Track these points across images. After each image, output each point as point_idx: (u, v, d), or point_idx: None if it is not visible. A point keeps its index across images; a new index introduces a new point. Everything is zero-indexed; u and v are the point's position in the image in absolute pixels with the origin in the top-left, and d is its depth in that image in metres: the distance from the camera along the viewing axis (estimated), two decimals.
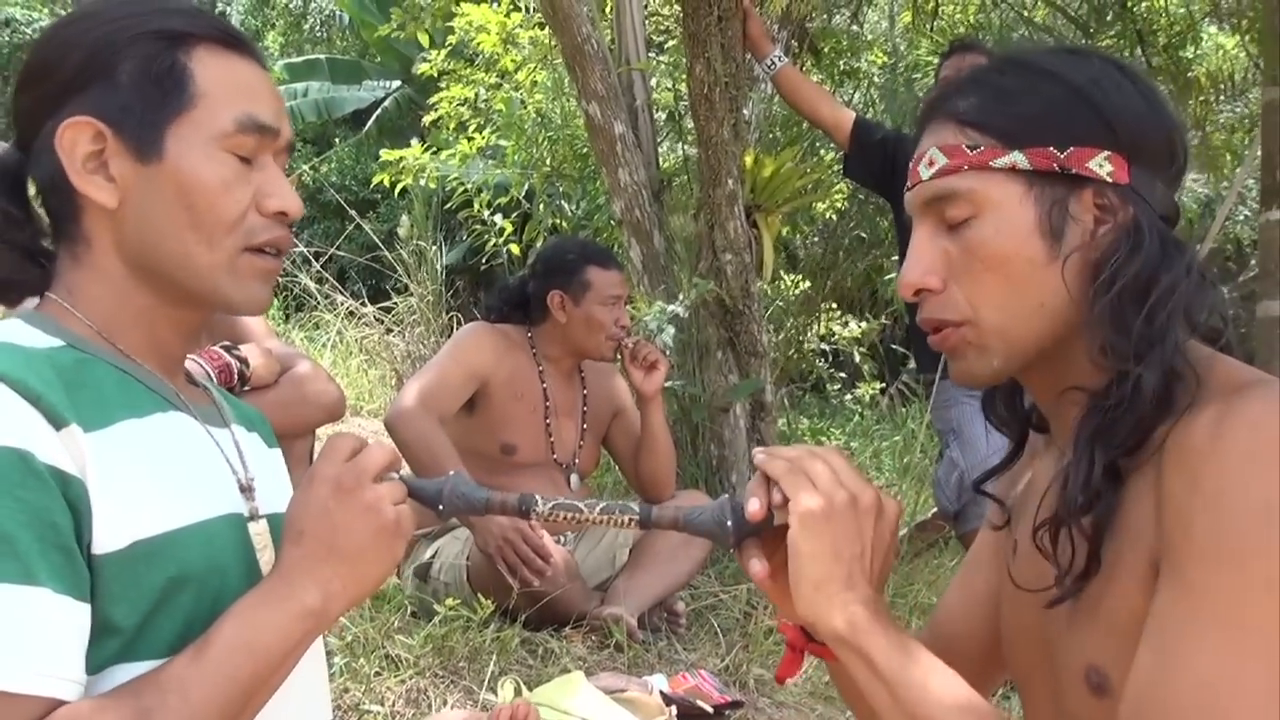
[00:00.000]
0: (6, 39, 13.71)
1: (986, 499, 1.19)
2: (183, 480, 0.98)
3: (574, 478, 3.15)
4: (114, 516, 0.88)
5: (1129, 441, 0.89)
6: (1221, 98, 5.59)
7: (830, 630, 0.93)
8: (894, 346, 6.98)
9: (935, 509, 3.86)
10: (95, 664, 0.87)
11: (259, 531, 1.05)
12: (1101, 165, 0.93)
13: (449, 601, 2.63)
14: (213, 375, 2.02)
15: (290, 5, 14.26)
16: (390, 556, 0.97)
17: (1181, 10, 5.47)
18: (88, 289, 1.00)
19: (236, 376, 2.08)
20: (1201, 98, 5.43)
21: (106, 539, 0.88)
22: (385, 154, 6.06)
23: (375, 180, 6.23)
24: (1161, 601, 0.83)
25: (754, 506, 0.95)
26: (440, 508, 1.01)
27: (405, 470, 1.02)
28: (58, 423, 0.87)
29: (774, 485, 0.96)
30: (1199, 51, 5.45)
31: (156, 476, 0.94)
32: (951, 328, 0.98)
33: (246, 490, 1.06)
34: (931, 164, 0.99)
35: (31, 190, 1.04)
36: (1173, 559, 0.83)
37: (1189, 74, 5.21)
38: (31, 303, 1.04)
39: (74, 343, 0.97)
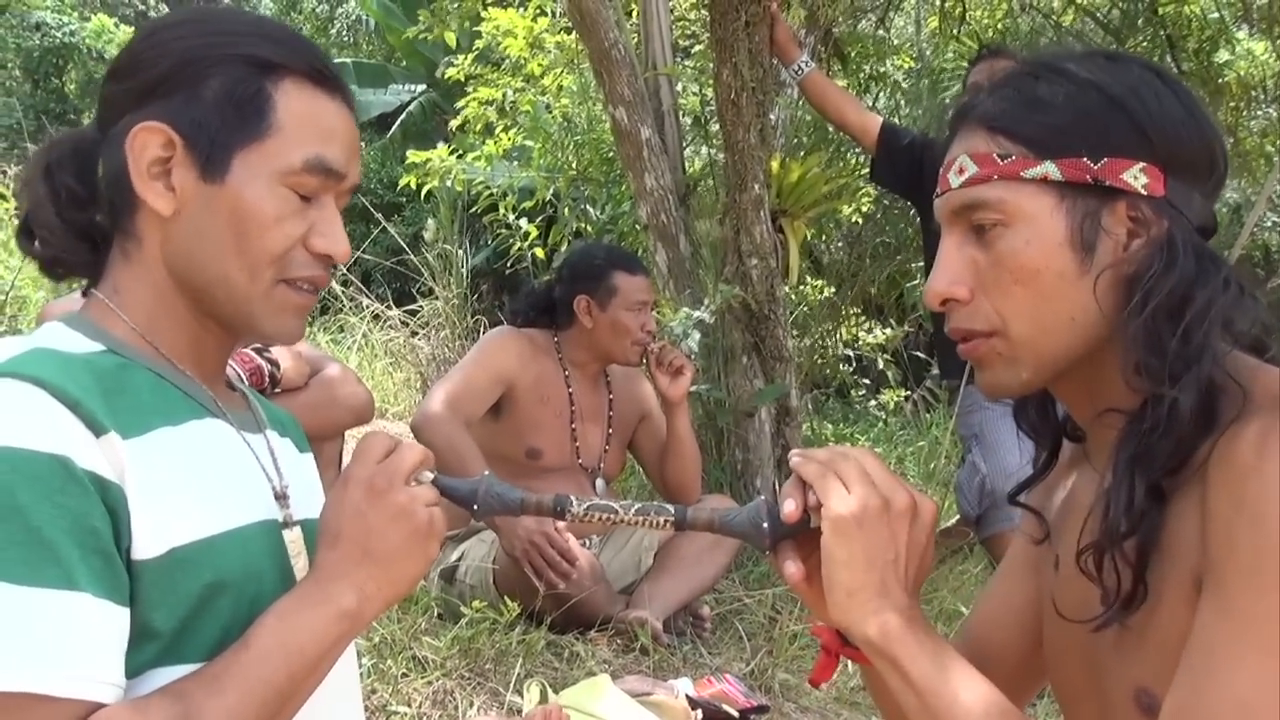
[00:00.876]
0: (37, 42, 13.85)
1: (1008, 503, 1.16)
2: (218, 487, 0.98)
3: (599, 482, 3.16)
4: (152, 523, 0.89)
5: (1169, 463, 0.88)
6: (1253, 103, 5.55)
7: (864, 637, 0.93)
8: (918, 353, 6.95)
9: (959, 515, 3.85)
10: (134, 667, 0.88)
11: (293, 539, 1.05)
12: (1136, 177, 0.91)
13: (475, 604, 2.64)
14: (244, 377, 2.04)
15: (317, 10, 14.36)
16: (424, 558, 0.98)
17: (1213, 15, 5.43)
18: (133, 288, 1.01)
19: (267, 379, 2.10)
20: (1232, 103, 5.39)
21: (145, 545, 0.89)
22: (412, 155, 6.08)
23: (401, 183, 6.26)
24: (1203, 619, 0.82)
25: (789, 508, 0.95)
26: (475, 508, 1.02)
27: (438, 471, 1.03)
28: (96, 429, 0.87)
29: (809, 487, 0.95)
30: (1230, 57, 5.40)
31: (192, 484, 0.95)
32: (980, 338, 0.97)
33: (281, 498, 1.07)
34: (961, 172, 0.97)
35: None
36: (1215, 576, 0.82)
37: (1220, 80, 5.16)
38: (76, 301, 1.05)
39: (114, 347, 0.98)
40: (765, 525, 0.97)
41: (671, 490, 3.18)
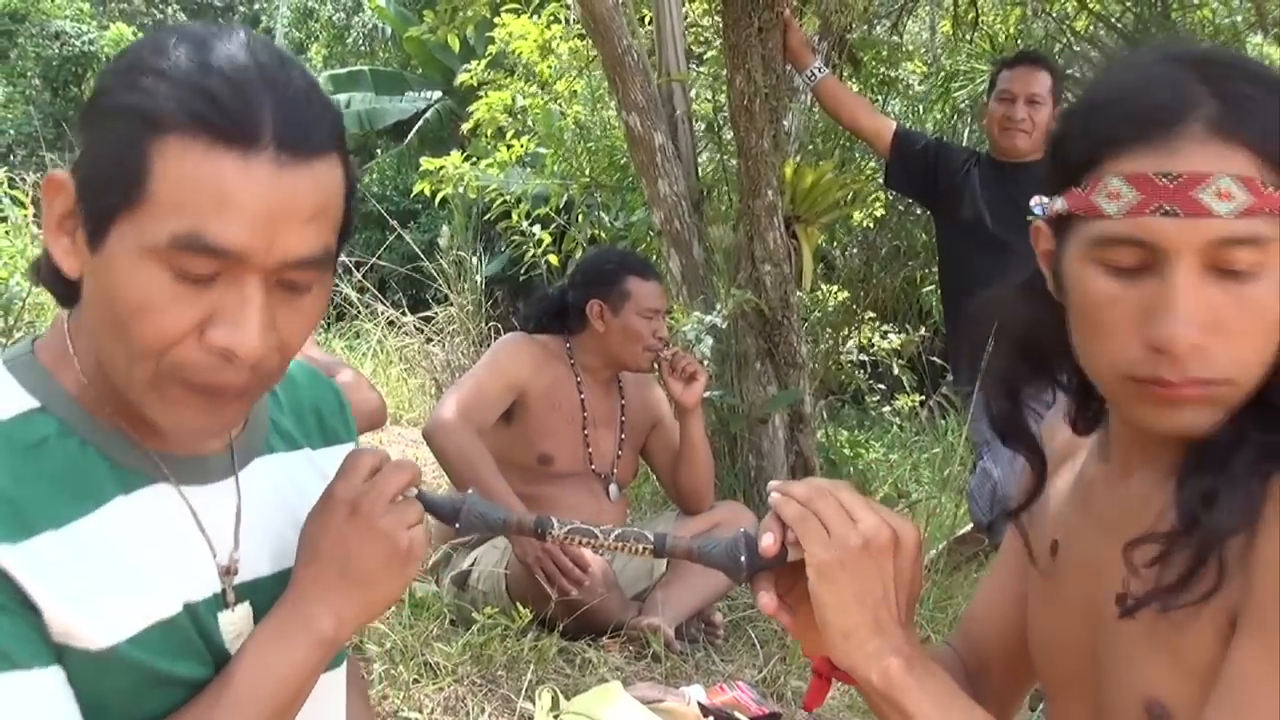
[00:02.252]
0: (56, 51, 13.97)
1: (1008, 520, 1.14)
2: (132, 583, 0.87)
3: (613, 488, 3.16)
4: (58, 629, 0.83)
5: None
6: None
7: (865, 682, 0.91)
8: (933, 358, 6.93)
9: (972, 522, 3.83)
10: None
11: (232, 621, 0.95)
12: None
13: (487, 610, 2.64)
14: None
15: (333, 18, 14.43)
16: (402, 580, 0.96)
17: (1225, 21, 5.41)
18: (85, 328, 0.90)
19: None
20: None
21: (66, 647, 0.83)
22: (425, 162, 6.09)
23: (416, 189, 6.28)
24: (1242, 655, 0.80)
25: (767, 542, 0.94)
26: (457, 526, 1.01)
27: (425, 486, 1.02)
28: (9, 537, 0.81)
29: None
30: None
31: (99, 584, 0.85)
32: (1207, 386, 0.83)
33: (226, 571, 0.95)
34: (1227, 197, 0.79)
35: None
36: (1253, 618, 0.80)
37: None
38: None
39: (48, 404, 0.88)
40: (743, 559, 0.97)
41: (684, 496, 3.17)
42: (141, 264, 0.80)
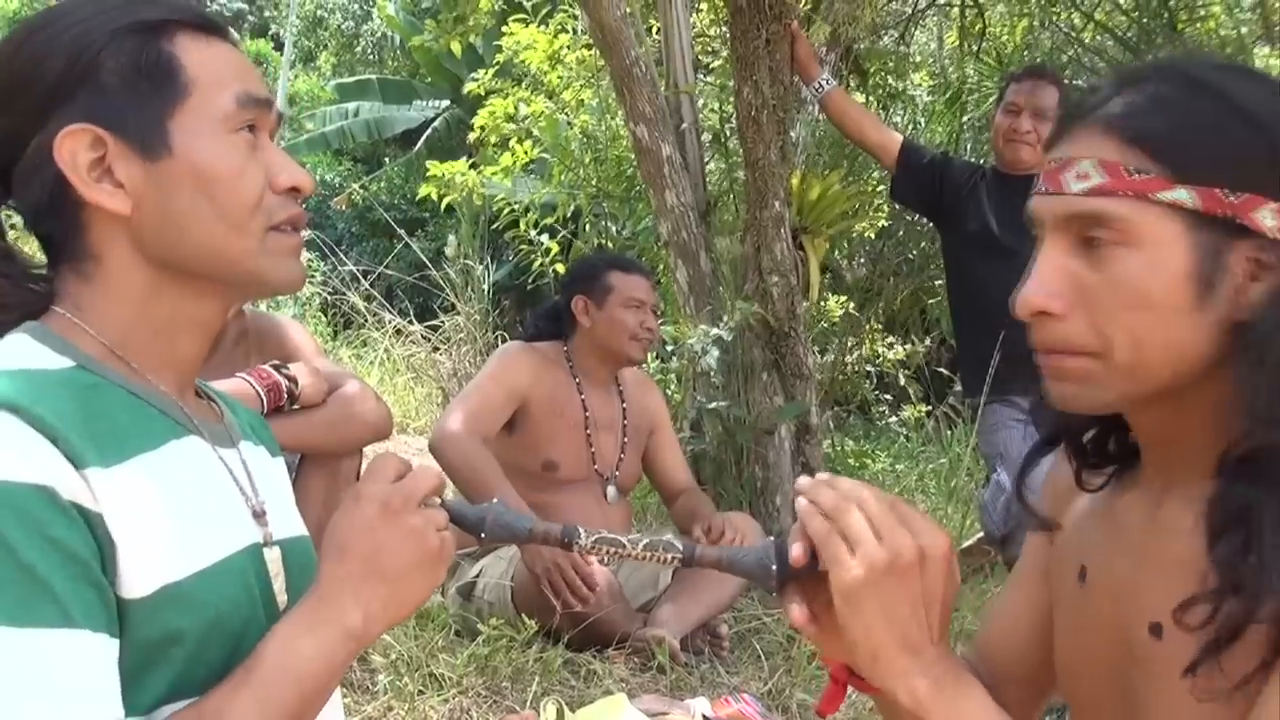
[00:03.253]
0: None
1: (1018, 499, 1.11)
2: (202, 516, 0.94)
3: (610, 489, 3.16)
4: (139, 560, 0.85)
5: None
6: None
7: (894, 700, 0.91)
8: (940, 369, 6.92)
9: (981, 534, 3.82)
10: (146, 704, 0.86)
11: (273, 559, 1.02)
12: (1268, 218, 0.85)
13: (493, 621, 2.64)
14: (263, 394, 2.05)
15: (342, 27, 14.48)
16: (432, 581, 0.96)
17: (1230, 32, 5.40)
18: (100, 306, 0.95)
19: (286, 395, 2.11)
20: None
21: (132, 584, 0.85)
22: (432, 167, 6.09)
23: (421, 194, 6.29)
24: (1267, 702, 0.79)
25: (797, 553, 0.93)
26: (482, 535, 1.01)
27: (449, 495, 1.02)
28: (77, 462, 0.83)
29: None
30: None
31: (177, 515, 0.91)
32: (1076, 356, 0.90)
33: (259, 515, 1.03)
34: (1084, 178, 0.88)
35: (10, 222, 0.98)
36: None
37: None
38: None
39: (84, 363, 0.92)
40: (774, 568, 0.96)
41: (680, 517, 3.19)
42: (220, 136, 0.94)
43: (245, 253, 0.96)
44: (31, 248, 1.04)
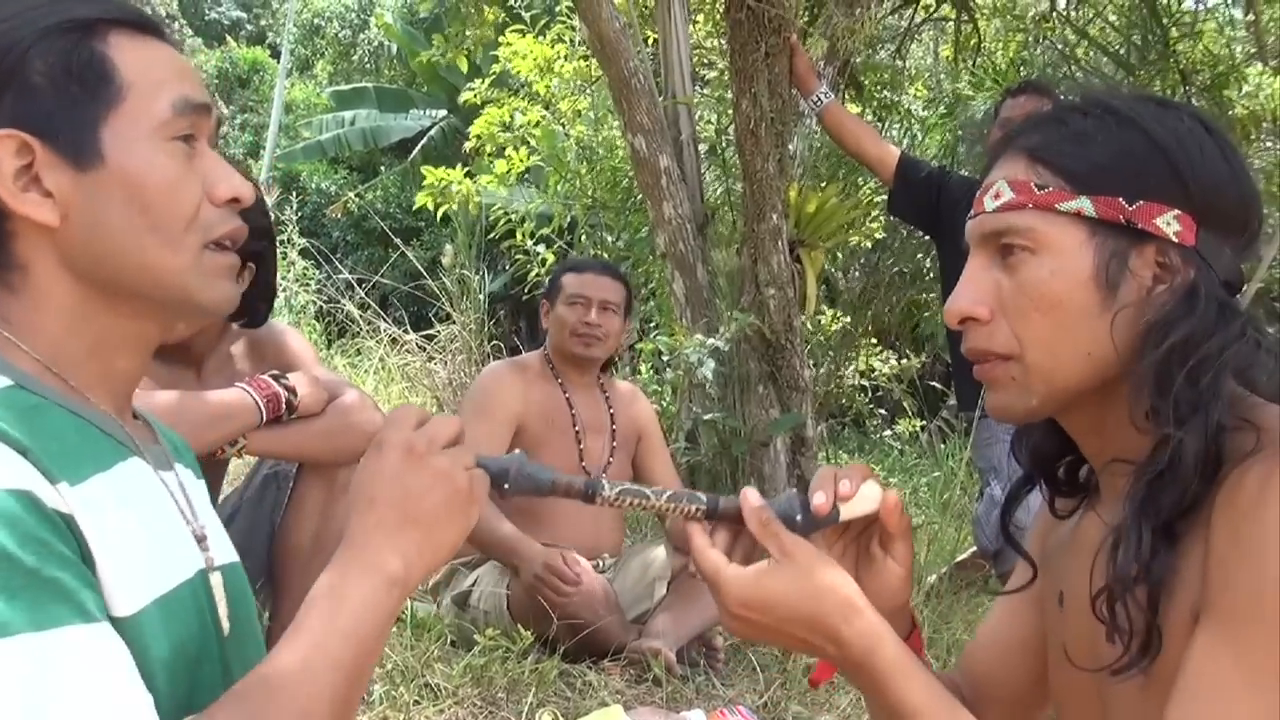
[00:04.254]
0: None
1: (1003, 538, 1.16)
2: (155, 540, 0.90)
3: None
4: (113, 581, 0.82)
5: (1177, 508, 0.88)
6: (1264, 137, 5.52)
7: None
8: (933, 383, 6.94)
9: (974, 548, 3.83)
10: None
11: (217, 584, 0.99)
12: (1169, 224, 0.92)
13: (489, 632, 2.64)
14: (262, 405, 2.05)
15: (339, 35, 14.49)
16: (464, 523, 0.94)
17: (1224, 51, 5.44)
18: (31, 319, 0.89)
19: (284, 405, 2.11)
20: (1251, 137, 5.37)
21: (114, 603, 0.82)
22: (427, 174, 6.09)
23: (418, 203, 6.29)
24: (1198, 652, 0.83)
25: (819, 501, 0.98)
26: (506, 486, 1.00)
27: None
28: (48, 476, 0.79)
29: (839, 481, 0.99)
30: (1243, 91, 5.39)
31: (136, 538, 0.87)
32: (996, 360, 0.98)
33: (200, 540, 0.99)
34: (998, 197, 0.98)
35: None
36: (1212, 611, 0.83)
37: (1230, 112, 5.16)
38: None
39: (21, 381, 0.86)
40: (798, 519, 0.98)
41: (675, 535, 3.20)
42: (155, 144, 0.89)
43: (177, 270, 0.91)
44: None
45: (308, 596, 0.87)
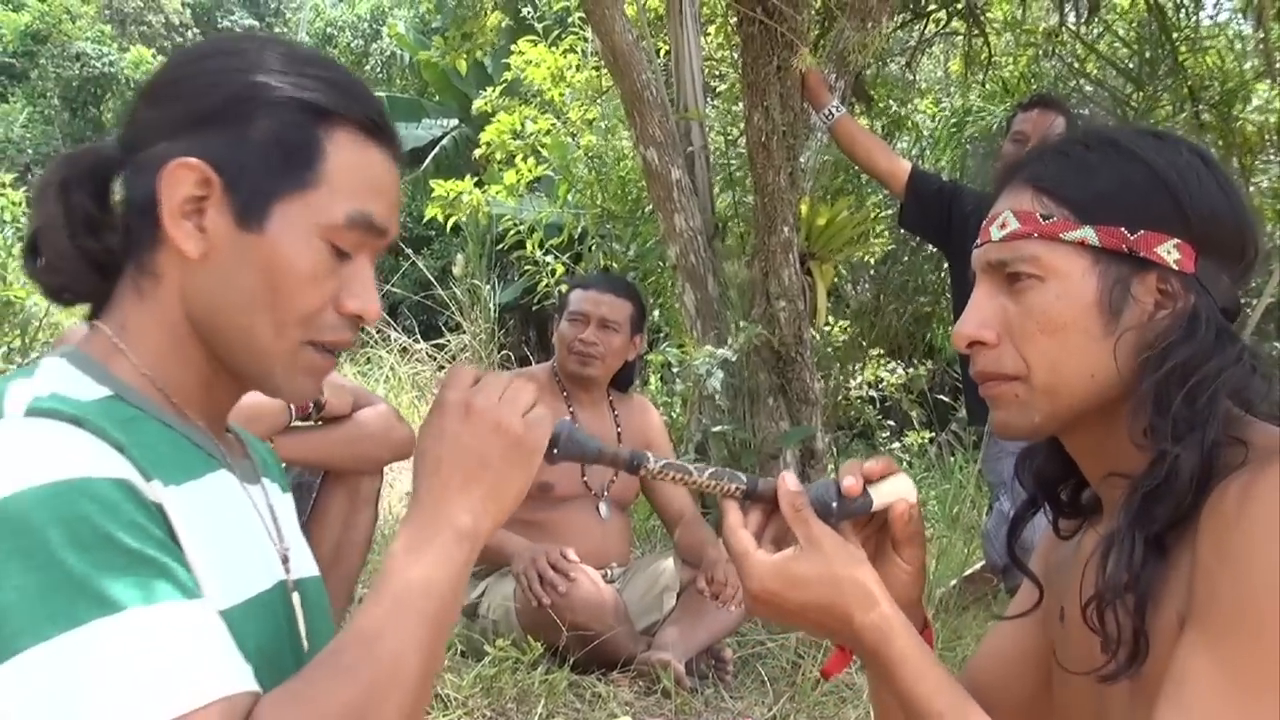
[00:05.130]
0: (76, 72, 14.09)
1: (1030, 554, 1.21)
2: (240, 549, 0.95)
3: (603, 505, 3.17)
4: (201, 577, 0.85)
5: (1169, 520, 0.92)
6: (1273, 152, 5.51)
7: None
8: (942, 396, 6.93)
9: (983, 562, 3.83)
10: None
11: (297, 601, 1.03)
12: (1169, 252, 0.96)
13: (499, 642, 2.65)
14: (291, 404, 2.07)
15: (352, 45, 14.54)
16: (526, 472, 0.97)
17: (1233, 66, 5.43)
18: (144, 328, 0.95)
19: (312, 404, 2.13)
20: (1261, 154, 5.36)
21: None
22: (437, 186, 6.09)
23: (428, 215, 6.31)
24: (1182, 659, 0.86)
25: (849, 482, 1.02)
26: (555, 451, 1.03)
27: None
28: (144, 474, 0.84)
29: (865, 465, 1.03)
30: (1253, 108, 5.38)
31: (223, 543, 0.91)
32: (1003, 381, 1.01)
33: (284, 556, 1.03)
34: (1004, 226, 1.01)
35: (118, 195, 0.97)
36: (1197, 619, 0.86)
37: (1235, 125, 5.15)
38: (79, 332, 0.98)
39: (121, 393, 0.91)
40: (834, 505, 1.01)
41: (682, 549, 3.20)
42: (314, 239, 0.93)
43: (269, 352, 0.95)
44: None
45: (385, 561, 0.90)
